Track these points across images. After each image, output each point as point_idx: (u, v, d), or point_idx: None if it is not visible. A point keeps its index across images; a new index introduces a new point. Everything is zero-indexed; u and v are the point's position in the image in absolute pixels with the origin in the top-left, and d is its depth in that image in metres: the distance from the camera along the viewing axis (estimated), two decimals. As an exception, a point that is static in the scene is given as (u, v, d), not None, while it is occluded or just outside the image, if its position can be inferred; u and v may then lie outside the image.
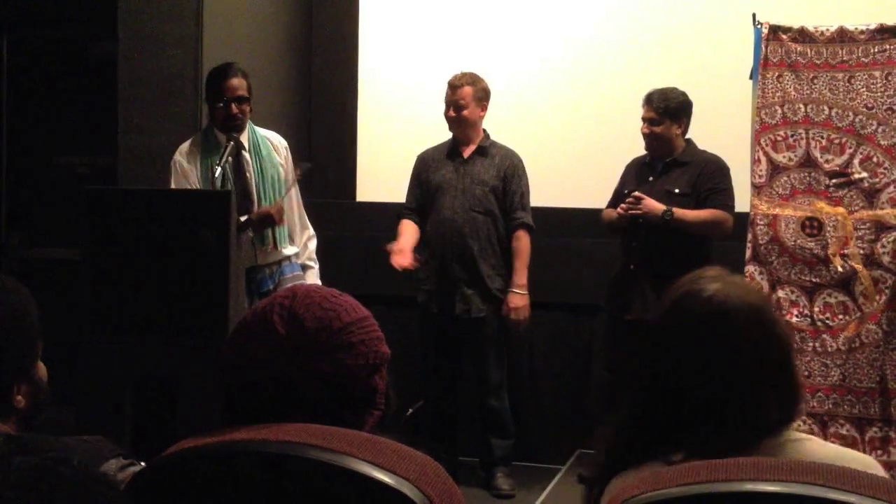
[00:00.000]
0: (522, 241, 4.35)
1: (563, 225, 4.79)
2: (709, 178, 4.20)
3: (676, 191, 4.19)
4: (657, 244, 4.16)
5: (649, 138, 4.25)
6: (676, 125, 4.23)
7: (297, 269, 3.97)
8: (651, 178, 4.28)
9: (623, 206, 4.17)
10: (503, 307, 4.31)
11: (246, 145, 3.86)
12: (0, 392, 1.55)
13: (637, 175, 4.35)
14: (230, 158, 3.75)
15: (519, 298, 4.30)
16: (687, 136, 4.30)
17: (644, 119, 4.25)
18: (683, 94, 4.25)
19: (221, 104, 3.79)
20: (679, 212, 4.10)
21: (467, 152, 4.42)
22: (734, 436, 1.47)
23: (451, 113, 4.38)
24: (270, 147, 3.95)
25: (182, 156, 3.82)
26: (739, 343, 1.52)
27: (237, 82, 3.81)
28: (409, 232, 4.42)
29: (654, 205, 4.11)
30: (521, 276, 4.32)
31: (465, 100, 4.35)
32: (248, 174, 3.85)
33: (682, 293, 1.58)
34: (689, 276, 1.62)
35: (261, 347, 1.42)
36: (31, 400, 1.59)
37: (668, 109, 4.20)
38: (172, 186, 3.78)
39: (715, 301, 1.53)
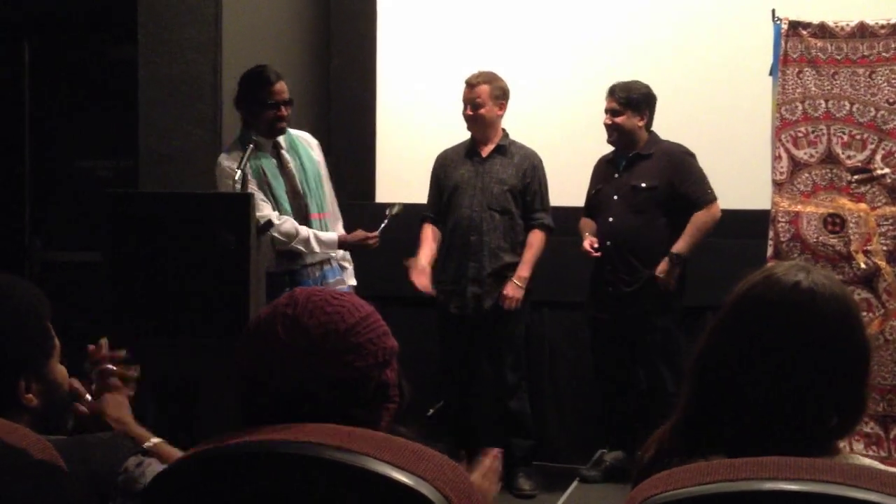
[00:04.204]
0: (536, 238, 4.35)
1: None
2: (682, 177, 4.19)
3: (643, 185, 4.22)
4: (625, 248, 4.22)
5: (610, 129, 4.28)
6: (638, 117, 4.25)
7: (339, 274, 4.01)
8: (616, 175, 4.32)
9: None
10: (499, 294, 4.30)
11: (283, 145, 3.91)
12: (5, 387, 1.56)
13: (603, 173, 4.40)
14: (275, 160, 3.84)
15: (515, 290, 4.28)
16: (651, 129, 4.32)
17: (606, 110, 4.28)
18: (647, 87, 4.28)
19: (270, 108, 3.81)
20: (680, 247, 4.12)
21: (486, 151, 4.41)
22: (785, 440, 1.35)
23: (469, 111, 4.38)
24: (306, 144, 4.00)
25: (229, 161, 3.77)
26: (822, 338, 1.38)
27: (282, 86, 3.85)
28: (428, 242, 4.42)
29: (665, 273, 4.11)
30: (525, 269, 4.31)
31: (482, 98, 4.35)
32: (292, 172, 3.89)
33: (761, 279, 1.44)
34: (769, 265, 1.51)
35: (268, 356, 1.42)
36: (44, 399, 1.60)
37: (630, 101, 4.23)
38: (221, 191, 3.78)
39: (801, 289, 1.40)
